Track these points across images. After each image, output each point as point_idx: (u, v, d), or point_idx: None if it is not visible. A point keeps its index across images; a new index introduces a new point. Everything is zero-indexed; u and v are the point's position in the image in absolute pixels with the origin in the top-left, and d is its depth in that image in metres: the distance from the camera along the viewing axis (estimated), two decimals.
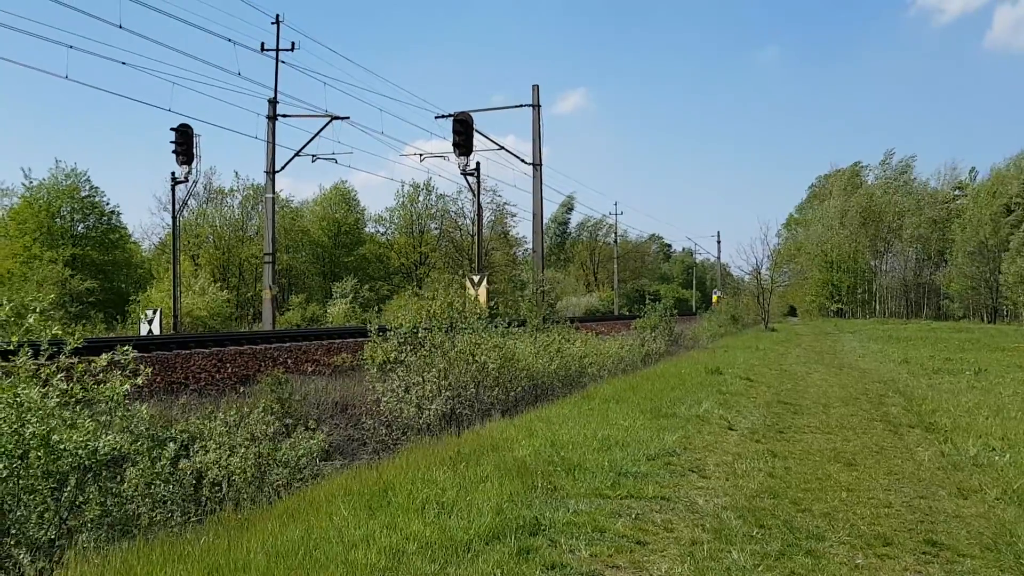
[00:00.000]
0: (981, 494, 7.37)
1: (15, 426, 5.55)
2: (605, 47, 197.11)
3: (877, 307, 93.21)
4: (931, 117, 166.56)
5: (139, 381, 6.81)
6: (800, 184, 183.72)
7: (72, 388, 6.20)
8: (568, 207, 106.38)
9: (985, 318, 77.46)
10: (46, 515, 5.63)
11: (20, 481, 5.55)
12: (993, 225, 74.10)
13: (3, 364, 6.41)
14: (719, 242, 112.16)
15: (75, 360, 6.69)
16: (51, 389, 6.05)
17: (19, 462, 5.55)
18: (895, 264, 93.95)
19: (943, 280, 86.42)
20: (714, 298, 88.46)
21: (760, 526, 6.06)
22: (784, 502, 6.85)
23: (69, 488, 5.81)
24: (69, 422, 5.89)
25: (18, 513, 5.55)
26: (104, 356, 6.77)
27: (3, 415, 5.57)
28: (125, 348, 6.95)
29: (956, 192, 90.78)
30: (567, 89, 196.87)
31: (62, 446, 5.68)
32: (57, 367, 6.31)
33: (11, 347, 6.23)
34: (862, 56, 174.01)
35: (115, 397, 6.36)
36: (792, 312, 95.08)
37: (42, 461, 5.60)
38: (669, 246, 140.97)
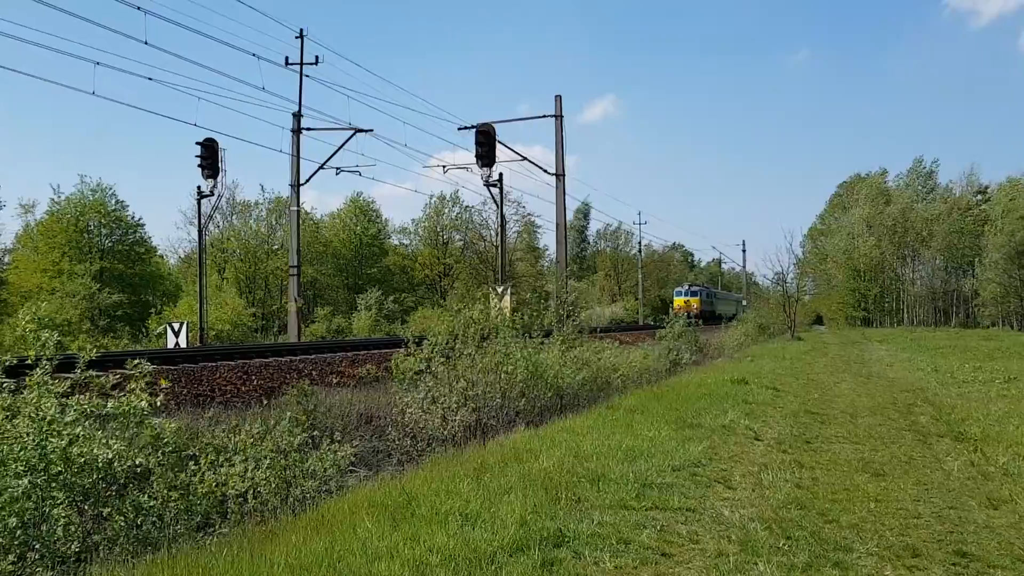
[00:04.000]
0: (1012, 504, 7.26)
1: (38, 439, 5.58)
2: (634, 53, 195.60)
3: (905, 315, 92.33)
4: (965, 120, 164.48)
5: (157, 401, 6.82)
6: (829, 191, 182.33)
7: (91, 401, 6.23)
8: (584, 213, 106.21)
9: (1015, 325, 76.51)
10: (70, 528, 5.66)
11: (44, 495, 5.58)
12: None
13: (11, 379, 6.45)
14: (744, 251, 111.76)
15: (93, 373, 6.73)
16: (71, 403, 6.08)
17: (42, 475, 5.58)
18: (922, 272, 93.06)
19: (972, 287, 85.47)
20: (677, 301, 74.99)
21: (787, 537, 6.00)
22: (811, 513, 6.78)
23: (92, 501, 5.83)
24: (87, 436, 5.91)
25: (43, 528, 5.58)
26: (111, 376, 6.79)
27: (25, 429, 5.60)
28: (136, 362, 6.98)
29: (978, 197, 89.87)
30: (595, 96, 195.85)
31: (82, 459, 5.70)
32: (73, 382, 6.34)
33: (29, 361, 6.28)
34: (895, 59, 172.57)
35: (134, 412, 6.38)
36: (819, 321, 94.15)
37: (64, 475, 5.62)
38: (693, 255, 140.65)
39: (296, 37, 33.53)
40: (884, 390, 17.44)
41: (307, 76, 33.50)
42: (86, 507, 5.82)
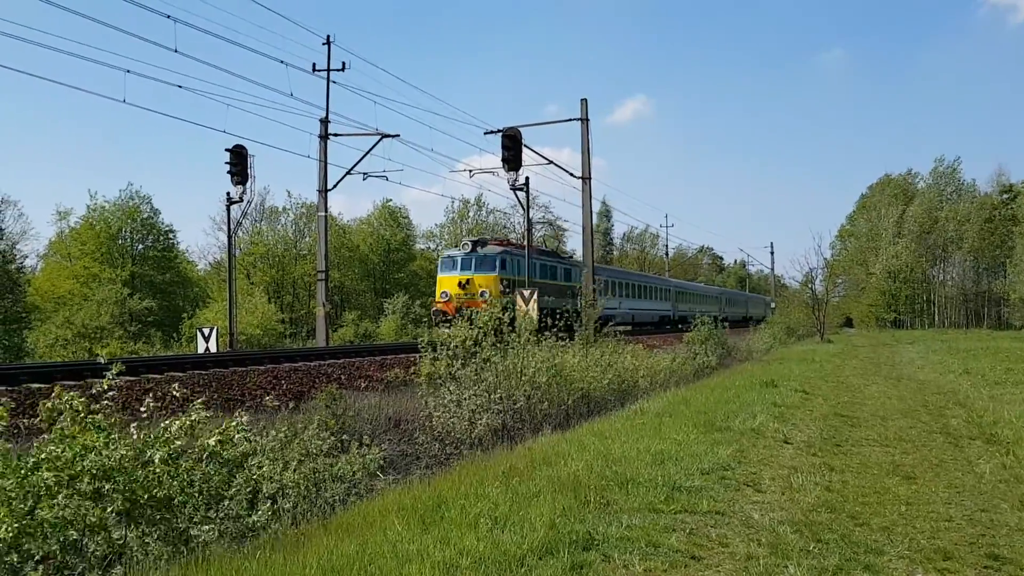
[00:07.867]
0: None
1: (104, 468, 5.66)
2: (665, 52, 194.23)
3: (936, 317, 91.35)
4: (999, 118, 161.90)
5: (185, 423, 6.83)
6: (860, 192, 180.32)
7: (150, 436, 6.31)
8: (606, 215, 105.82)
9: None
10: (102, 534, 5.72)
11: (91, 510, 5.63)
12: None
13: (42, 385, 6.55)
14: (772, 253, 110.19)
15: (133, 378, 6.84)
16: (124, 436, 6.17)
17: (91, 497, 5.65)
18: (953, 273, 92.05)
19: (1003, 288, 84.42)
20: (442, 282, 35.24)
21: (817, 540, 5.98)
22: (841, 516, 6.75)
23: (135, 508, 5.89)
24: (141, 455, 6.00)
25: (83, 540, 5.64)
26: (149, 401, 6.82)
27: (97, 463, 5.67)
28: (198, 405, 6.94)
29: (1004, 196, 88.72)
30: (626, 96, 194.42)
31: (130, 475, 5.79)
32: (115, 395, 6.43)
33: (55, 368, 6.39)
34: (929, 56, 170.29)
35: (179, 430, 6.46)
36: (848, 323, 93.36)
37: (109, 491, 5.69)
38: (722, 258, 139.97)
39: (323, 43, 33.83)
40: (915, 392, 17.29)
41: (334, 82, 33.79)
42: (133, 512, 5.88)
